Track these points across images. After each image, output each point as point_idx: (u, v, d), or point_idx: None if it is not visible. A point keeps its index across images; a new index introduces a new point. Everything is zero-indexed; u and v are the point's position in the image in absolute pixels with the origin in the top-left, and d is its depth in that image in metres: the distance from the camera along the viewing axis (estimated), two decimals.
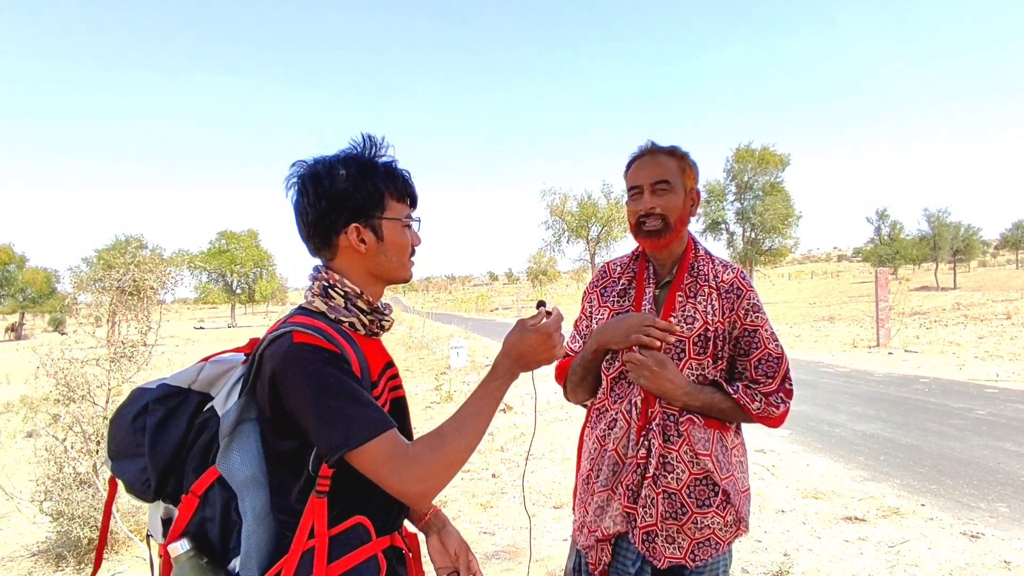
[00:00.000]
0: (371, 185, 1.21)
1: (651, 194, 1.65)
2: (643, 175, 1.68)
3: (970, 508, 4.44)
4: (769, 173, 35.37)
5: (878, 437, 6.50)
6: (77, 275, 8.63)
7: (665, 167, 1.67)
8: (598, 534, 1.64)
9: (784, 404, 1.64)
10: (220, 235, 53.45)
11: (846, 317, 23.09)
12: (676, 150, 1.71)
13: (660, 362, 1.57)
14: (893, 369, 11.07)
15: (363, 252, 1.22)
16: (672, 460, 1.59)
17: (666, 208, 1.64)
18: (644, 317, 1.62)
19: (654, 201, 1.64)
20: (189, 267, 37.80)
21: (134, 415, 1.17)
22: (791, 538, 4.02)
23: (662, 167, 1.67)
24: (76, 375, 4.47)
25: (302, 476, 1.12)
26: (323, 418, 1.05)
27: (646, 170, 1.68)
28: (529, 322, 1.25)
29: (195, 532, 1.13)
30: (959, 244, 41.28)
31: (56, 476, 4.25)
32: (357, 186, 1.19)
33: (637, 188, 1.68)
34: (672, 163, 1.68)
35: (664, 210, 1.64)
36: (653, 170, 1.67)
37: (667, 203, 1.64)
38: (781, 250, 36.45)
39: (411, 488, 1.07)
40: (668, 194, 1.65)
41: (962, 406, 7.73)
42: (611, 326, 1.67)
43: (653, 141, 1.73)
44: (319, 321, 1.16)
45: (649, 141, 1.73)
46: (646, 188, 1.66)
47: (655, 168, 1.67)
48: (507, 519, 4.58)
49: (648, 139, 1.74)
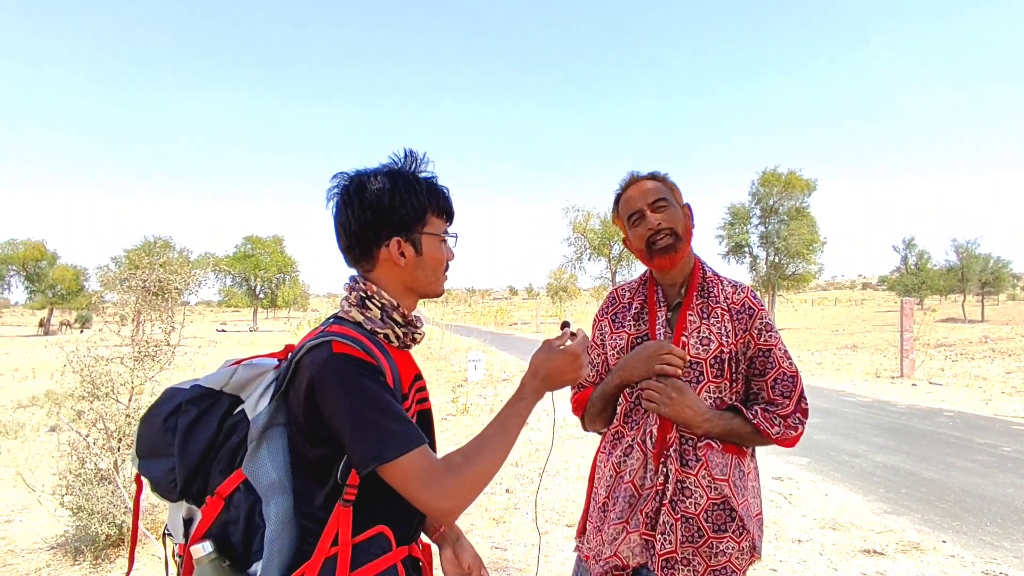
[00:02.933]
0: (415, 200, 1.23)
1: (653, 211, 1.67)
2: (639, 199, 1.70)
3: (993, 547, 4.33)
4: (795, 197, 35.06)
5: (899, 469, 6.37)
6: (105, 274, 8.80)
7: (656, 188, 1.70)
8: (616, 562, 1.63)
9: (801, 425, 1.64)
10: (246, 240, 54.07)
11: (869, 346, 22.70)
12: (657, 174, 1.74)
13: (679, 389, 1.57)
14: (917, 401, 10.85)
15: (402, 265, 1.24)
16: (690, 485, 1.58)
17: (672, 222, 1.66)
18: (660, 346, 1.63)
19: (659, 217, 1.66)
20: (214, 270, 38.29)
21: (167, 415, 1.19)
22: (807, 569, 3.95)
23: (653, 188, 1.70)
24: (101, 372, 4.55)
25: (328, 483, 1.14)
26: (358, 430, 1.07)
27: (640, 193, 1.70)
28: (555, 343, 1.26)
29: (218, 534, 1.15)
30: (988, 276, 40.44)
31: (78, 471, 4.32)
32: (402, 200, 1.21)
33: (637, 212, 1.70)
34: (660, 184, 1.71)
35: (671, 223, 1.66)
36: (647, 191, 1.69)
37: (671, 217, 1.67)
38: (805, 275, 36.02)
39: (440, 504, 1.09)
40: (669, 209, 1.67)
41: (987, 442, 7.55)
42: (631, 360, 1.67)
43: (632, 171, 1.76)
44: (356, 332, 1.18)
45: (629, 173, 1.77)
46: (646, 208, 1.67)
47: (647, 190, 1.70)
48: (519, 535, 4.56)
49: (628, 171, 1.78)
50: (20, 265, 46.63)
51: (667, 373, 1.60)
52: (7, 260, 46.32)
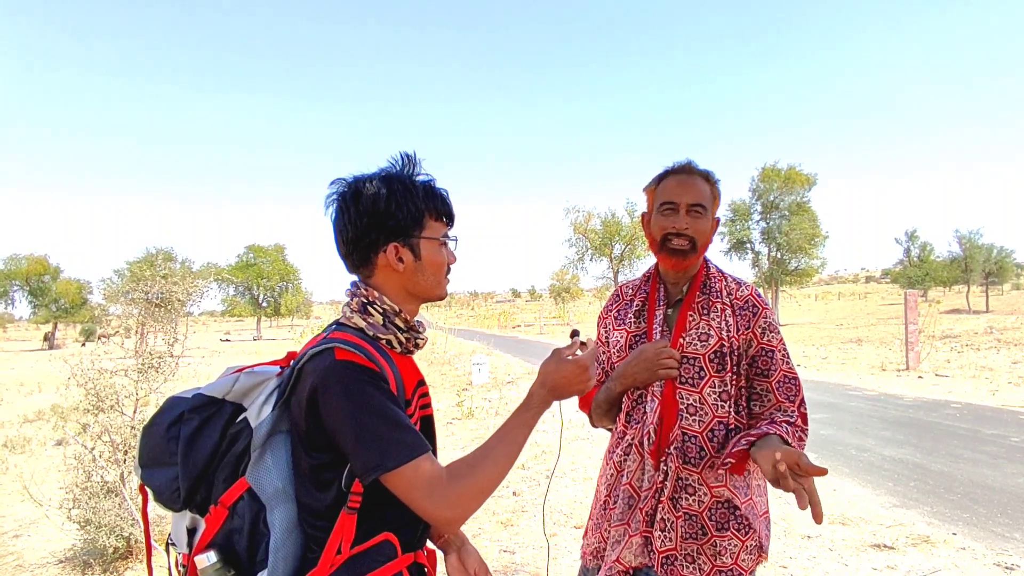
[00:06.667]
0: (412, 205, 1.22)
1: (687, 214, 1.64)
2: (682, 193, 1.65)
3: (1004, 539, 4.31)
4: (795, 192, 35.00)
5: (907, 463, 6.35)
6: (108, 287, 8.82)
7: (702, 191, 1.65)
8: (620, 568, 1.61)
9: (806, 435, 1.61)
10: (248, 249, 54.22)
11: (874, 339, 22.64)
12: (711, 176, 1.70)
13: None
14: (923, 393, 10.82)
15: (401, 270, 1.24)
16: (694, 483, 1.57)
17: (697, 232, 1.63)
18: (659, 349, 1.61)
19: (688, 222, 1.63)
20: (217, 280, 38.42)
21: (169, 423, 1.18)
22: (817, 565, 3.94)
23: (700, 190, 1.65)
24: (105, 385, 4.56)
25: (332, 491, 1.13)
26: (361, 438, 1.06)
27: (686, 189, 1.65)
28: (564, 352, 1.25)
29: (222, 544, 1.14)
30: (991, 267, 40.40)
31: (84, 484, 4.33)
32: (398, 206, 1.20)
33: (672, 205, 1.65)
34: (708, 188, 1.67)
35: (695, 234, 1.63)
36: (693, 192, 1.65)
37: (699, 227, 1.64)
38: (807, 270, 35.94)
39: (443, 513, 1.08)
40: (701, 219, 1.64)
41: (995, 433, 7.52)
42: (632, 364, 1.65)
43: (692, 160, 1.71)
44: (358, 338, 1.17)
45: (687, 159, 1.71)
46: (682, 207, 1.64)
47: (694, 190, 1.65)
48: (527, 538, 4.55)
49: (687, 158, 1.73)
50: (24, 280, 46.81)
51: (673, 377, 1.60)
52: (11, 275, 46.53)
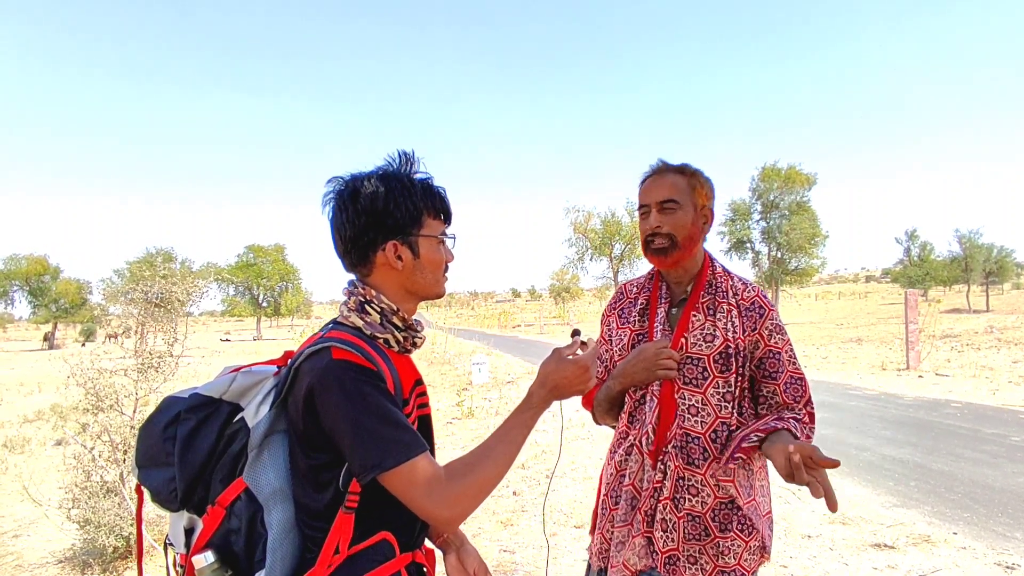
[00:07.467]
0: (410, 203, 1.21)
1: (658, 213, 1.65)
2: (651, 194, 1.68)
3: (1005, 538, 4.30)
4: (795, 192, 34.97)
5: (908, 462, 6.34)
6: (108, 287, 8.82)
7: (673, 186, 1.66)
8: (623, 571, 1.61)
9: (813, 432, 1.62)
10: (248, 249, 54.19)
11: (874, 339, 22.62)
12: (686, 167, 1.70)
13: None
14: (923, 393, 10.81)
15: (399, 269, 1.23)
16: (697, 483, 1.57)
17: (673, 227, 1.64)
18: (658, 349, 1.61)
19: (660, 220, 1.65)
20: (217, 280, 38.39)
21: (166, 424, 1.18)
22: (818, 564, 3.93)
23: (670, 186, 1.66)
24: (105, 385, 4.56)
25: (329, 490, 1.13)
26: (358, 437, 1.06)
27: (654, 190, 1.68)
28: (565, 352, 1.24)
29: (220, 544, 1.13)
30: (991, 266, 40.41)
31: (84, 484, 4.32)
32: (396, 204, 1.20)
33: (645, 207, 1.69)
34: (681, 181, 1.67)
35: (671, 229, 1.64)
36: (661, 190, 1.67)
37: (674, 222, 1.64)
38: (808, 270, 35.93)
39: (441, 512, 1.08)
40: (676, 213, 1.64)
41: (996, 432, 7.51)
42: (631, 364, 1.65)
43: (663, 160, 1.73)
44: (356, 337, 1.17)
45: (659, 160, 1.74)
46: (653, 207, 1.66)
47: (663, 188, 1.67)
48: (527, 537, 4.54)
49: (658, 158, 1.75)
50: (23, 280, 46.77)
51: (673, 377, 1.59)
52: (10, 275, 46.47)
